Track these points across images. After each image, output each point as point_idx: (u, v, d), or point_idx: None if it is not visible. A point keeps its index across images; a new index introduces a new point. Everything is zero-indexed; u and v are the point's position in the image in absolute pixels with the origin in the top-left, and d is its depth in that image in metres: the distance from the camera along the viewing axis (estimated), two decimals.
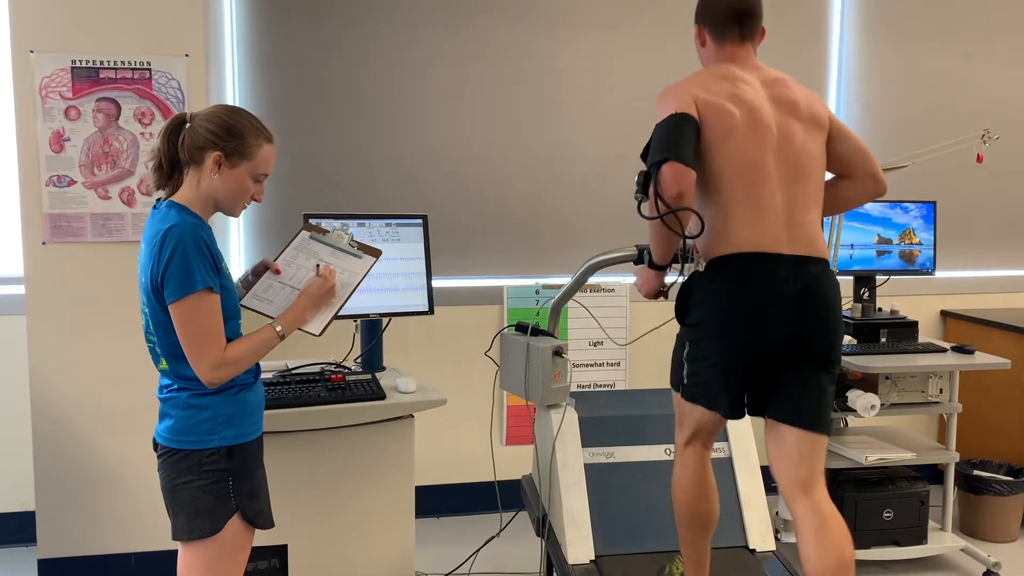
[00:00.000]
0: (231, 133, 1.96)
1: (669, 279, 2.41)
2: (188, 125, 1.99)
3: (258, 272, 2.20)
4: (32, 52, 3.06)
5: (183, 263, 1.87)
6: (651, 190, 2.12)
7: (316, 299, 2.10)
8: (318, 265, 2.17)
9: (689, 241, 2.22)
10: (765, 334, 2.19)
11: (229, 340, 1.96)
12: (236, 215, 2.09)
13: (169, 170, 2.02)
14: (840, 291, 2.27)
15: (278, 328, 2.03)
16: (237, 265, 3.68)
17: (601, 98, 3.97)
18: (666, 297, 2.43)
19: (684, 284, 2.32)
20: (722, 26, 2.33)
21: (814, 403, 2.24)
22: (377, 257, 2.25)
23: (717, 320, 2.22)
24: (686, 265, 2.32)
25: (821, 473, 2.26)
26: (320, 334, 2.11)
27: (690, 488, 2.42)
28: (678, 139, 2.13)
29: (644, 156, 2.22)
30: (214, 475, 1.96)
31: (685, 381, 2.33)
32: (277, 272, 2.17)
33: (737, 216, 2.19)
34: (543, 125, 3.94)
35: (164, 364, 1.99)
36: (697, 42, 2.42)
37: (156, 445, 2.02)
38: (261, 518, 2.07)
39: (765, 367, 2.24)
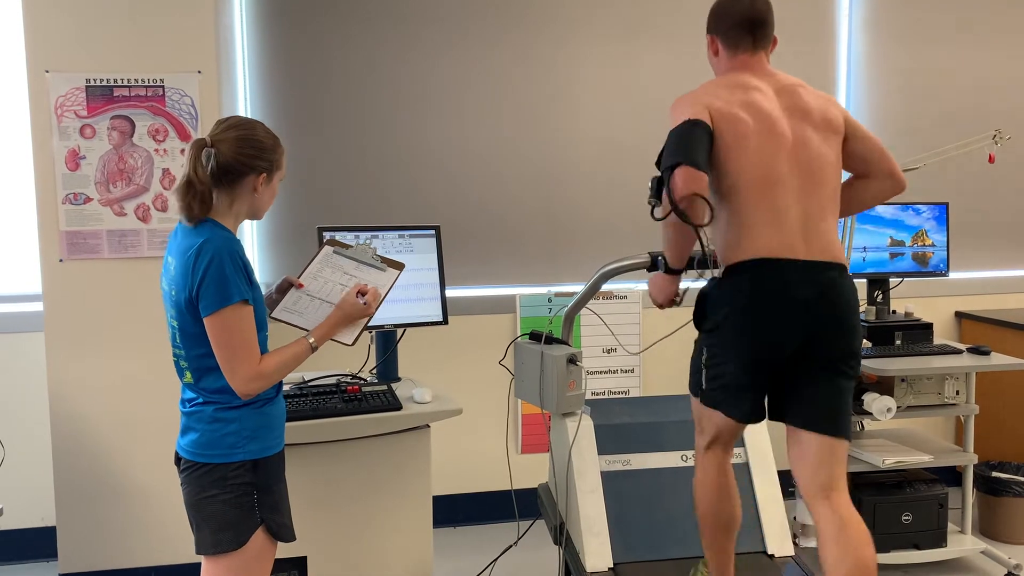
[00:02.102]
0: (263, 151, 2.00)
1: (682, 285, 2.41)
2: (212, 150, 1.95)
3: (282, 289, 2.22)
4: (47, 72, 3.10)
5: (219, 276, 1.89)
6: (664, 194, 2.14)
7: (352, 318, 2.13)
8: (344, 282, 2.19)
9: (709, 247, 2.23)
10: (782, 339, 2.19)
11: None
12: (262, 217, 2.13)
13: (211, 199, 1.97)
14: (857, 295, 2.28)
15: (311, 340, 2.05)
16: None
17: (612, 106, 3.98)
18: (679, 303, 2.43)
19: (702, 290, 2.33)
20: (735, 35, 2.34)
21: (833, 407, 2.24)
22: (401, 270, 2.28)
23: (735, 325, 2.23)
24: (706, 271, 2.32)
25: (842, 477, 2.26)
26: (352, 344, 2.14)
27: (711, 491, 2.43)
28: (690, 144, 2.14)
29: (658, 163, 2.23)
30: (239, 489, 1.97)
31: (704, 387, 2.34)
32: (300, 287, 2.19)
33: (753, 223, 2.20)
34: (554, 134, 3.95)
35: (189, 377, 2.01)
36: (710, 52, 2.43)
37: (179, 459, 2.03)
38: (284, 531, 2.08)
39: (784, 372, 2.24)
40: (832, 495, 2.23)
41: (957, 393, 3.42)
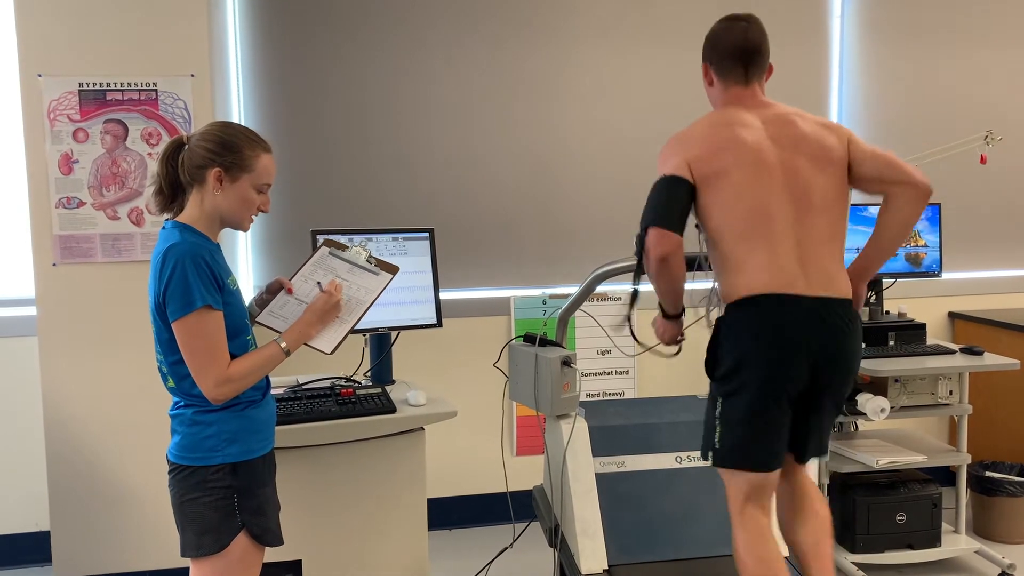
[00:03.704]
0: (227, 148, 1.98)
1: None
2: (186, 147, 2.01)
3: (272, 290, 2.20)
4: (40, 76, 3.10)
5: (182, 282, 1.89)
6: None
7: (321, 314, 2.10)
8: (319, 283, 2.18)
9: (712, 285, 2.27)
10: (789, 379, 2.19)
11: (236, 356, 1.97)
12: (245, 228, 2.09)
13: (170, 193, 2.04)
14: (860, 329, 2.27)
15: (283, 344, 2.03)
16: (245, 282, 3.70)
17: (608, 109, 3.99)
18: (683, 340, 2.45)
19: (712, 337, 2.29)
20: (728, 65, 2.32)
21: (819, 440, 2.35)
22: (394, 274, 2.25)
23: (748, 367, 2.19)
24: (710, 309, 2.34)
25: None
26: (332, 352, 2.11)
27: (752, 558, 2.24)
28: (665, 203, 2.19)
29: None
30: (219, 492, 1.97)
31: (717, 446, 2.26)
32: (290, 291, 2.18)
33: (746, 260, 2.19)
34: (549, 136, 3.95)
35: (171, 382, 2.01)
36: (705, 81, 2.41)
37: (168, 461, 2.04)
38: (268, 535, 2.07)
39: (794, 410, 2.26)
40: (794, 475, 2.40)
41: (950, 393, 3.43)
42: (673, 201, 2.19)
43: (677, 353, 2.50)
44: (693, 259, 2.39)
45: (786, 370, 2.18)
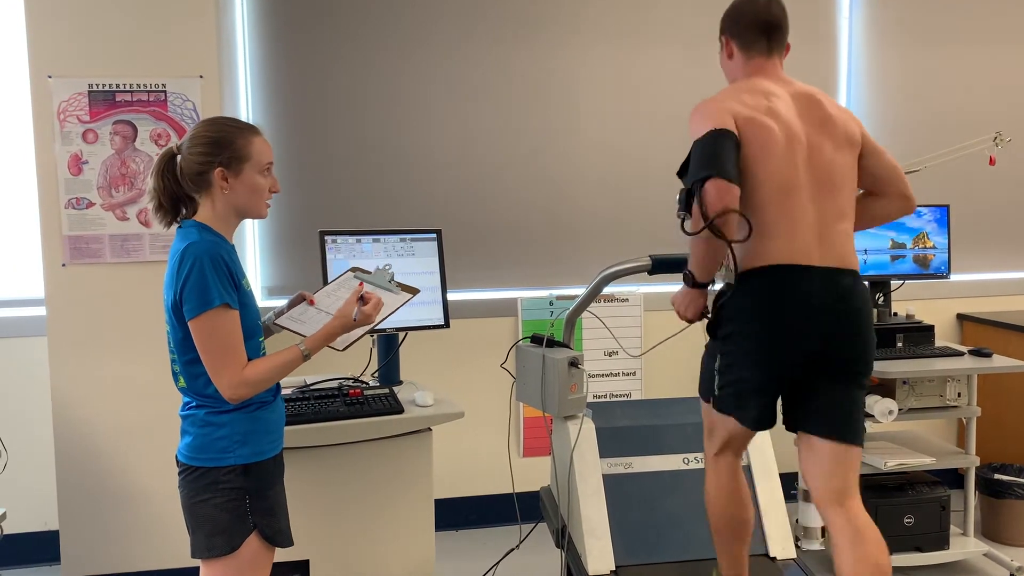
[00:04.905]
0: (221, 145, 1.97)
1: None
2: (178, 157, 2.00)
3: (294, 304, 2.22)
4: (50, 77, 3.11)
5: (201, 280, 1.89)
6: (695, 207, 2.09)
7: (349, 326, 2.08)
8: (361, 297, 2.17)
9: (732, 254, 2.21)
10: (797, 346, 2.20)
11: (250, 358, 1.97)
12: (264, 215, 2.08)
13: (171, 206, 2.03)
14: (871, 304, 2.28)
15: (303, 348, 2.02)
16: (254, 284, 3.71)
17: (614, 110, 3.99)
18: (708, 317, 2.36)
19: (716, 298, 2.31)
20: (750, 37, 2.33)
21: (846, 414, 2.26)
22: (414, 295, 2.28)
23: (751, 332, 2.22)
24: (722, 270, 2.30)
25: (855, 484, 2.29)
26: (344, 349, 2.12)
27: (724, 497, 2.42)
28: (720, 155, 2.10)
29: (680, 174, 2.21)
30: (231, 493, 1.97)
31: (716, 392, 2.32)
32: (311, 302, 2.19)
33: (770, 229, 2.20)
34: (556, 136, 3.96)
35: (182, 382, 2.01)
36: (723, 54, 2.41)
37: (179, 462, 2.04)
38: (279, 536, 2.08)
39: (798, 380, 2.25)
40: (846, 502, 2.25)
41: (959, 395, 3.42)
42: (727, 152, 2.11)
43: (706, 317, 2.37)
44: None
45: (792, 339, 2.19)
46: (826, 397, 2.25)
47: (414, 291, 2.29)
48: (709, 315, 2.35)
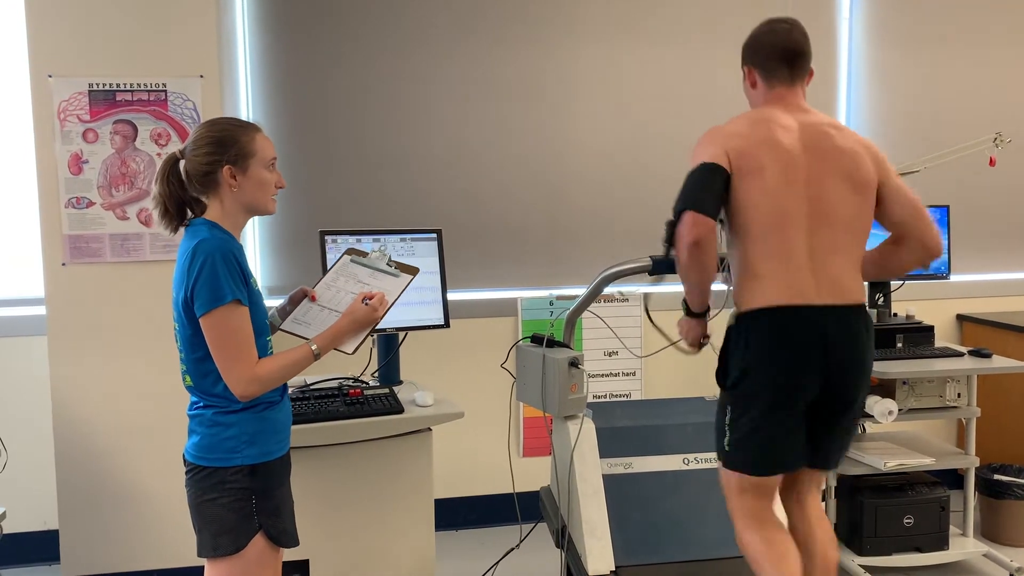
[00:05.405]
0: (225, 143, 1.98)
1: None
2: (182, 161, 2.00)
3: (295, 300, 2.21)
4: (50, 77, 3.11)
5: (212, 276, 1.89)
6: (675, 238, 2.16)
7: (360, 325, 2.10)
8: (356, 291, 2.17)
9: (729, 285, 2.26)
10: (800, 385, 2.20)
11: (259, 356, 1.97)
12: (272, 210, 2.08)
13: (177, 211, 2.03)
14: (872, 333, 2.26)
15: (314, 347, 2.03)
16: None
17: (614, 109, 3.99)
18: (707, 343, 2.41)
19: (723, 346, 2.30)
20: (772, 66, 2.32)
21: (837, 449, 2.35)
22: (414, 275, 2.26)
23: (753, 378, 2.21)
24: (730, 287, 2.32)
25: (819, 482, 2.43)
26: (353, 352, 2.12)
27: (762, 551, 2.25)
28: (701, 189, 2.16)
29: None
30: (237, 493, 1.97)
31: (727, 448, 2.29)
32: (313, 299, 2.18)
33: (763, 268, 2.20)
34: (556, 136, 3.96)
35: (189, 380, 2.01)
36: (746, 84, 2.40)
37: (186, 461, 2.04)
38: (285, 536, 2.08)
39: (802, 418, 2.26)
40: (807, 499, 2.39)
41: (958, 396, 3.42)
42: (710, 187, 2.16)
43: (701, 349, 2.46)
44: (721, 259, 2.36)
45: (795, 379, 2.19)
46: (821, 435, 2.29)
47: (414, 271, 2.27)
48: (707, 341, 2.41)
